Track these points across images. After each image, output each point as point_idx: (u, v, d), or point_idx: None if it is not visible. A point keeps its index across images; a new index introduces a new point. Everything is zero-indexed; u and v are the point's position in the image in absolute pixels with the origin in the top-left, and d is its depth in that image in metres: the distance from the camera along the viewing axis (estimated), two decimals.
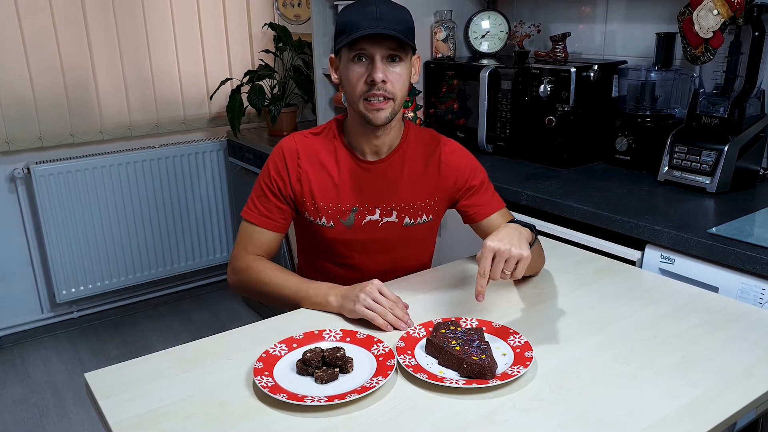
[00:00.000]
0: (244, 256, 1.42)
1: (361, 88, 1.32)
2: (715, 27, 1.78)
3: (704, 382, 1.03)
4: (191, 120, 3.30)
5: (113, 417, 0.98)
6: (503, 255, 1.15)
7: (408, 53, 1.34)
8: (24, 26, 2.79)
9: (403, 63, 1.33)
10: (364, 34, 1.27)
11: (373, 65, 1.30)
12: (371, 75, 1.30)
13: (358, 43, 1.29)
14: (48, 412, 2.56)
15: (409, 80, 1.37)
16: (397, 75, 1.32)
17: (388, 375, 1.04)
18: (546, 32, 2.46)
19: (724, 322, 1.23)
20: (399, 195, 1.45)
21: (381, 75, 1.30)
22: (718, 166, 1.77)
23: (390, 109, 1.34)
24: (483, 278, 1.15)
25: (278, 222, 1.44)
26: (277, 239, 1.45)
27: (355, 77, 1.32)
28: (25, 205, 2.97)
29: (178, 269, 3.37)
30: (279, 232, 1.44)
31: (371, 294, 1.24)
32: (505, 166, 2.19)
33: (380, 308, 1.22)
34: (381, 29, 1.27)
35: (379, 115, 1.33)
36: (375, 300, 1.23)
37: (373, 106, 1.33)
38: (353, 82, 1.33)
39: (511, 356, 1.11)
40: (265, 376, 1.05)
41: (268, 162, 1.45)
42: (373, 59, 1.30)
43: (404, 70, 1.33)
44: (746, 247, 1.42)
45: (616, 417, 0.95)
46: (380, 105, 1.32)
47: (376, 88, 1.30)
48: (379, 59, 1.30)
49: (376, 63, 1.30)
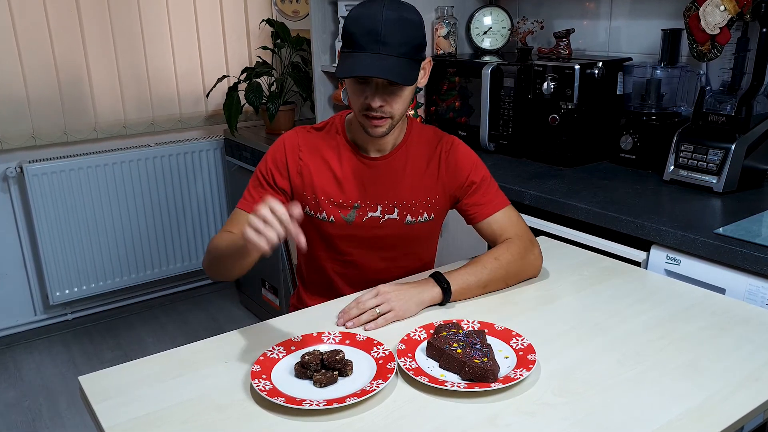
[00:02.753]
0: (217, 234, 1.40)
1: (360, 105, 1.32)
2: (722, 23, 1.77)
3: (711, 385, 1.03)
4: (187, 118, 3.29)
5: (108, 421, 0.97)
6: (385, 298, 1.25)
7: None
8: (16, 22, 2.77)
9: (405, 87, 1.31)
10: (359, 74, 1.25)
11: (371, 92, 1.29)
12: (368, 100, 1.30)
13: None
14: (41, 416, 2.54)
15: (413, 92, 1.36)
16: (396, 97, 1.31)
17: (388, 378, 1.03)
18: (549, 28, 2.46)
19: (731, 325, 1.22)
20: (401, 192, 1.45)
21: (378, 102, 1.30)
22: (725, 165, 1.76)
23: (388, 126, 1.34)
24: (355, 308, 1.25)
25: None
26: None
27: (353, 94, 1.33)
28: (18, 204, 2.96)
29: (173, 270, 3.36)
30: None
31: (261, 215, 1.07)
32: (508, 165, 2.18)
33: (269, 231, 1.05)
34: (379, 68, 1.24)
35: (377, 130, 1.34)
36: (265, 221, 1.06)
37: (372, 122, 1.33)
38: (352, 96, 1.33)
39: (513, 359, 1.10)
40: (263, 380, 1.04)
41: (268, 153, 1.45)
42: (371, 83, 1.29)
43: (406, 90, 1.32)
44: (754, 247, 1.41)
45: (621, 421, 0.95)
46: (378, 123, 1.33)
47: (374, 110, 1.31)
48: (379, 85, 1.29)
49: (373, 90, 1.29)
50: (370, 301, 1.26)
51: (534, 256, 1.42)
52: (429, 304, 1.31)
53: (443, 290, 1.30)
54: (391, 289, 1.28)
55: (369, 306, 1.25)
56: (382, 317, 1.24)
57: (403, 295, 1.28)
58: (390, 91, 1.30)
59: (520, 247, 1.40)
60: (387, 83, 1.29)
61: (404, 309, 1.26)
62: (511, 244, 1.41)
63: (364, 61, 1.25)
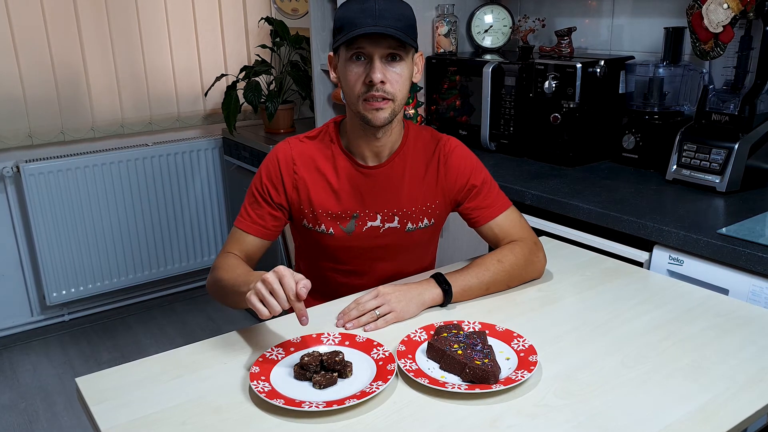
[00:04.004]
0: (220, 255, 1.38)
1: (359, 89, 1.29)
2: (725, 21, 1.77)
3: (714, 386, 1.03)
4: (185, 117, 3.29)
5: (105, 423, 0.97)
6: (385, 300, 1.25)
7: (409, 52, 1.31)
8: (13, 20, 2.76)
9: (403, 62, 1.30)
10: (362, 32, 1.23)
11: (372, 65, 1.27)
12: (369, 75, 1.27)
13: (356, 42, 1.26)
14: (38, 418, 2.53)
15: (410, 80, 1.34)
16: (396, 75, 1.29)
17: (388, 380, 1.03)
18: (551, 27, 2.46)
19: (734, 326, 1.21)
20: (401, 200, 1.43)
21: (380, 75, 1.26)
22: (728, 164, 1.76)
23: (390, 110, 1.30)
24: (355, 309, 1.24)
25: (269, 229, 1.41)
26: (261, 246, 1.41)
27: (353, 77, 1.29)
28: (15, 204, 2.95)
29: (171, 271, 3.35)
30: (266, 239, 1.41)
31: (269, 284, 1.08)
32: (509, 165, 2.18)
33: (273, 302, 1.08)
34: (380, 28, 1.23)
35: (378, 115, 1.30)
36: (272, 291, 1.08)
37: (372, 105, 1.29)
38: (351, 82, 1.30)
39: (515, 360, 1.10)
40: (262, 381, 1.04)
41: (261, 168, 1.42)
42: (371, 58, 1.27)
43: (404, 69, 1.30)
44: (757, 248, 1.41)
45: (624, 423, 0.95)
46: (379, 105, 1.29)
47: (375, 89, 1.27)
48: (378, 59, 1.27)
49: (374, 63, 1.27)
50: (370, 302, 1.25)
51: (538, 259, 1.41)
52: (429, 305, 1.30)
53: (444, 292, 1.30)
54: (391, 290, 1.27)
55: (369, 307, 1.24)
56: (382, 318, 1.23)
57: (404, 296, 1.27)
58: (391, 67, 1.28)
59: (524, 249, 1.39)
60: (387, 60, 1.27)
61: (404, 310, 1.25)
62: (515, 246, 1.40)
63: (365, 28, 1.24)
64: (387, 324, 1.23)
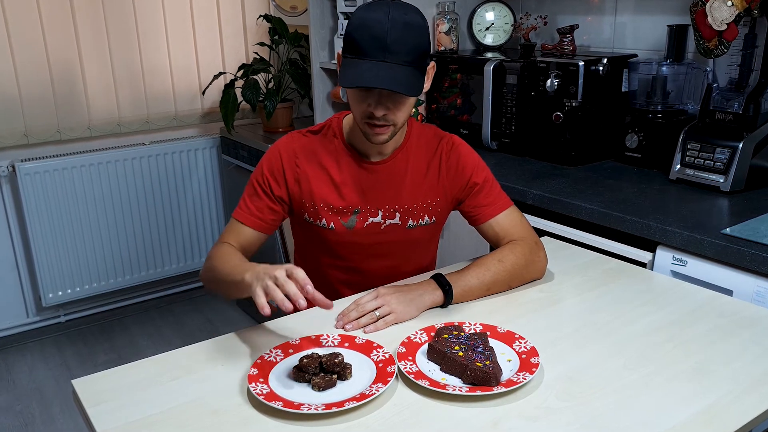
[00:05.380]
0: (216, 245, 1.38)
1: (362, 113, 1.29)
2: (729, 19, 1.76)
3: (718, 389, 1.02)
4: (183, 116, 3.28)
5: (102, 425, 0.97)
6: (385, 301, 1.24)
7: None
8: (8, 17, 2.75)
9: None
10: (363, 85, 1.22)
11: (374, 99, 1.27)
12: (371, 108, 1.27)
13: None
14: (34, 420, 2.53)
15: (414, 104, 1.34)
16: (400, 105, 1.29)
17: (388, 382, 1.03)
18: (553, 24, 2.45)
19: (738, 327, 1.21)
20: (402, 196, 1.43)
21: (382, 111, 1.27)
22: (732, 164, 1.76)
23: (390, 133, 1.32)
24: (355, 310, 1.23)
25: (267, 222, 1.40)
26: (258, 239, 1.41)
27: (355, 100, 1.30)
28: (10, 204, 2.94)
29: (169, 271, 3.35)
30: (263, 232, 1.41)
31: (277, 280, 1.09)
32: (511, 164, 2.18)
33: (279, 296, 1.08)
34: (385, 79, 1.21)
35: (379, 138, 1.32)
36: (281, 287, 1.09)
37: (374, 130, 1.30)
38: (354, 102, 1.31)
39: (516, 362, 1.10)
40: (260, 383, 1.04)
41: (263, 160, 1.42)
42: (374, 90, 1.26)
43: (410, 99, 1.30)
44: (761, 248, 1.40)
45: (626, 425, 0.94)
46: (380, 131, 1.30)
47: (376, 118, 1.28)
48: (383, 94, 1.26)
49: (377, 97, 1.26)
50: (370, 303, 1.24)
51: (539, 259, 1.41)
52: (430, 306, 1.29)
53: (445, 293, 1.29)
54: (391, 291, 1.26)
55: (368, 308, 1.23)
56: (382, 320, 1.22)
57: (404, 297, 1.26)
58: (394, 99, 1.27)
59: (525, 249, 1.39)
60: (391, 92, 1.26)
61: (404, 312, 1.24)
62: (516, 246, 1.39)
63: (369, 71, 1.22)
64: (387, 325, 1.22)
